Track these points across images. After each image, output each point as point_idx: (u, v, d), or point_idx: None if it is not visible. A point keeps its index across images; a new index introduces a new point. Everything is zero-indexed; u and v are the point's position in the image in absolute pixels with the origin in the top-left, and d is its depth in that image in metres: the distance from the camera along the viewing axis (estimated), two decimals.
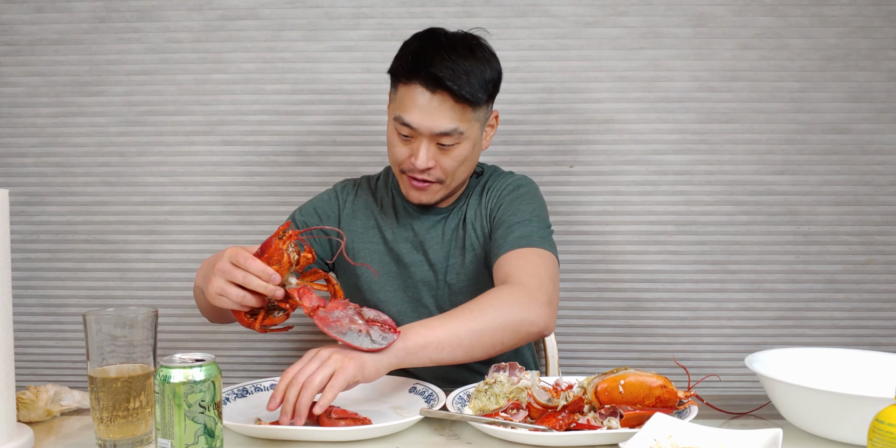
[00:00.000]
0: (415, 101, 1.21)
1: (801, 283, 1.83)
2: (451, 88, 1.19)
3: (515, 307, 1.10)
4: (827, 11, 1.78)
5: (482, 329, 1.06)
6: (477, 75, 1.21)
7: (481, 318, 1.07)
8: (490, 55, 1.27)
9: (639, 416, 0.91)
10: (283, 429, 0.92)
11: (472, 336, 1.05)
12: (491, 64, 1.26)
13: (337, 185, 1.47)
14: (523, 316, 1.10)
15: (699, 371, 1.76)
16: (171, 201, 1.88)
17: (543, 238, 1.26)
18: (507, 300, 1.11)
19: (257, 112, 1.86)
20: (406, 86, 1.22)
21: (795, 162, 1.82)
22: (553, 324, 1.15)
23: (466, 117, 1.22)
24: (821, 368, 1.07)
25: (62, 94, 1.87)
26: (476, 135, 1.27)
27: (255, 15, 1.83)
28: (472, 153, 1.28)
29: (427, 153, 1.23)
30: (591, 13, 1.80)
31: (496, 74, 1.27)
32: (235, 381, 1.13)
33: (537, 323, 1.11)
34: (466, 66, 1.20)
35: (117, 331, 0.93)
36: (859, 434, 0.81)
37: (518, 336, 1.10)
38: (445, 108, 1.20)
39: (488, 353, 1.08)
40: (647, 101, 1.81)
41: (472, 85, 1.20)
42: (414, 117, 1.21)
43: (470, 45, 1.25)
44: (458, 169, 1.27)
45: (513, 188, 1.35)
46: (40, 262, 1.90)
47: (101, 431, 0.92)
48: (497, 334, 1.08)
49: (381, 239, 1.38)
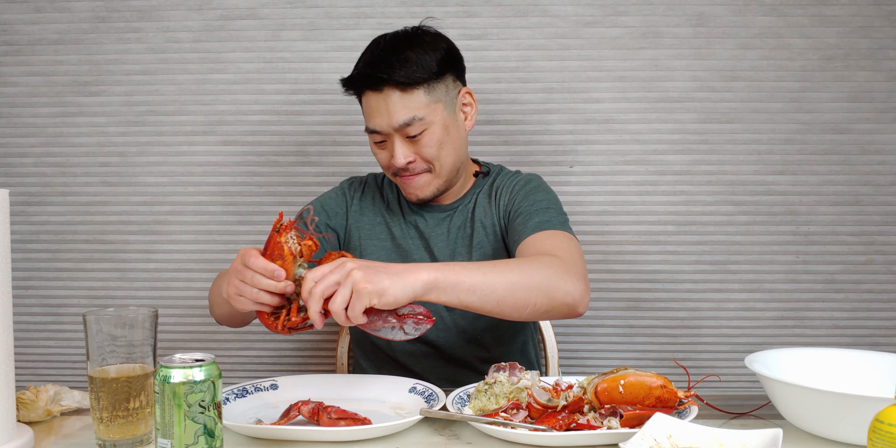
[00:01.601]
0: (370, 107, 1.25)
1: (801, 283, 1.83)
2: (390, 80, 1.20)
3: (554, 273, 1.06)
4: (827, 11, 1.78)
5: (518, 283, 1.02)
6: (415, 59, 1.22)
7: (519, 272, 1.04)
8: (433, 37, 1.27)
9: (639, 416, 0.91)
10: (283, 429, 0.92)
11: (507, 287, 1.02)
12: (434, 44, 1.26)
13: (344, 183, 1.47)
14: (560, 283, 1.06)
15: (699, 371, 1.76)
16: (171, 201, 1.88)
17: (564, 223, 1.25)
18: (547, 263, 1.08)
19: (257, 112, 1.86)
20: (363, 97, 1.27)
21: (795, 162, 1.82)
22: (587, 301, 1.11)
23: (421, 102, 1.23)
24: (821, 368, 1.07)
25: (62, 94, 1.87)
26: (443, 116, 1.26)
27: (255, 15, 1.83)
28: (449, 135, 1.27)
29: (401, 150, 1.25)
30: (591, 13, 1.80)
31: (443, 52, 1.26)
32: (235, 381, 1.13)
33: (573, 294, 1.07)
34: (406, 55, 1.22)
35: (117, 331, 0.93)
36: (859, 434, 0.81)
37: (552, 303, 1.06)
38: (395, 100, 1.22)
39: (519, 311, 1.04)
40: (647, 101, 1.81)
41: (409, 68, 1.21)
42: (374, 121, 1.25)
43: (409, 36, 1.26)
44: (439, 153, 1.26)
45: (524, 183, 1.35)
46: (40, 262, 1.90)
47: (101, 431, 0.92)
48: (532, 293, 1.04)
49: (389, 235, 1.39)
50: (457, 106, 1.30)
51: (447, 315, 1.35)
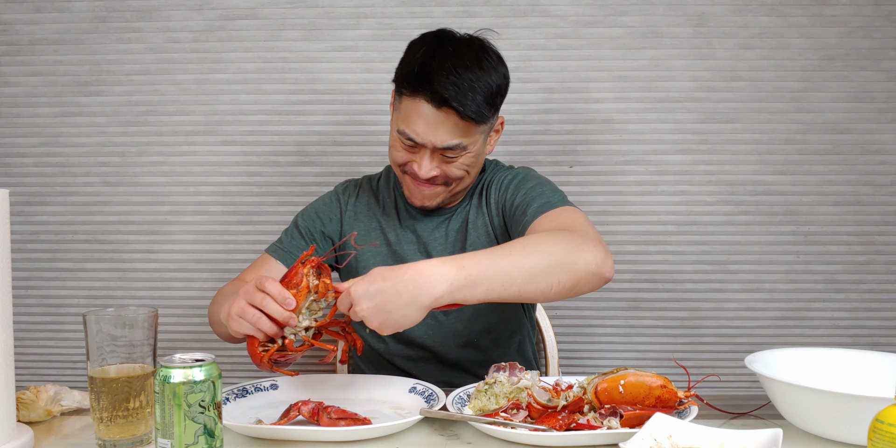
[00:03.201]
0: (419, 115, 1.19)
1: (801, 283, 1.83)
2: (456, 108, 1.16)
3: (569, 245, 1.03)
4: (827, 11, 1.78)
5: (536, 266, 0.99)
6: (482, 90, 1.18)
7: (534, 254, 1.00)
8: (496, 61, 1.23)
9: (639, 416, 0.91)
10: (283, 429, 0.92)
11: (526, 274, 0.98)
12: (497, 72, 1.22)
13: (338, 187, 1.45)
14: (577, 255, 1.02)
15: (699, 371, 1.76)
16: (171, 201, 1.88)
17: (563, 199, 1.23)
18: (560, 238, 1.05)
19: (257, 112, 1.86)
20: (410, 99, 1.20)
21: (795, 162, 1.82)
22: (612, 264, 1.06)
23: (471, 132, 1.21)
24: (821, 368, 1.07)
25: (62, 94, 1.87)
26: (481, 144, 1.26)
27: (255, 15, 1.83)
28: (477, 160, 1.28)
29: (430, 164, 1.23)
30: (591, 13, 1.80)
31: (503, 82, 1.23)
32: (235, 381, 1.13)
33: (594, 261, 1.03)
34: (471, 80, 1.17)
35: (117, 331, 0.93)
36: (859, 434, 0.81)
37: (576, 276, 1.02)
38: (450, 124, 1.18)
39: (545, 293, 1.01)
40: (647, 101, 1.81)
41: (476, 102, 1.17)
42: (418, 131, 1.20)
43: (476, 54, 1.20)
44: (464, 174, 1.27)
45: (512, 177, 1.33)
46: (40, 262, 1.90)
47: (101, 431, 0.92)
48: (552, 272, 1.00)
49: (385, 241, 1.37)
50: (490, 132, 1.29)
51: (444, 319, 1.34)
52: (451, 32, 1.24)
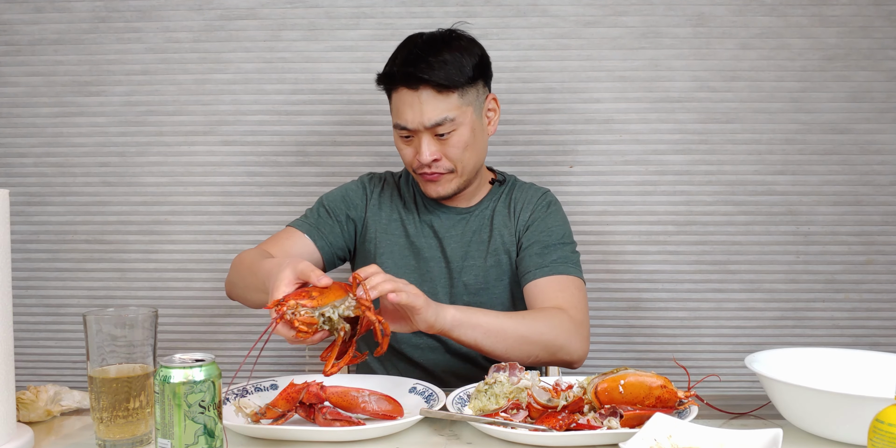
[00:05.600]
0: (403, 103, 1.27)
1: (801, 283, 1.83)
2: (429, 80, 1.23)
3: (562, 333, 1.20)
4: (827, 11, 1.78)
5: (528, 337, 1.16)
6: (454, 62, 1.25)
7: (531, 327, 1.17)
8: (468, 42, 1.31)
9: (639, 416, 0.91)
10: (283, 429, 0.92)
11: (517, 339, 1.15)
12: (470, 49, 1.29)
13: (364, 177, 1.49)
14: (565, 343, 1.20)
15: (699, 371, 1.75)
16: (171, 201, 1.88)
17: (576, 264, 1.34)
18: (558, 323, 1.20)
19: (257, 112, 1.86)
20: (395, 93, 1.29)
21: (795, 162, 1.82)
22: (585, 358, 1.25)
23: (454, 104, 1.26)
24: (821, 368, 1.07)
25: (62, 94, 1.87)
26: (472, 119, 1.29)
27: (255, 15, 1.83)
28: (474, 138, 1.31)
29: (428, 147, 1.28)
30: (591, 13, 1.80)
31: (477, 58, 1.30)
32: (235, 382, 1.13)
33: (574, 354, 1.22)
34: (444, 57, 1.25)
35: (117, 331, 0.93)
36: (859, 434, 0.81)
37: (552, 358, 1.20)
38: (430, 99, 1.25)
39: (522, 359, 1.16)
40: (647, 101, 1.81)
41: (448, 71, 1.24)
42: (405, 118, 1.27)
43: (446, 38, 1.30)
44: (463, 155, 1.30)
45: (546, 204, 1.40)
46: (40, 262, 1.90)
47: (101, 431, 0.92)
48: (537, 348, 1.17)
49: (404, 232, 1.41)
50: (483, 111, 1.34)
51: None
52: (424, 32, 1.33)
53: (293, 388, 0.96)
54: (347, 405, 0.97)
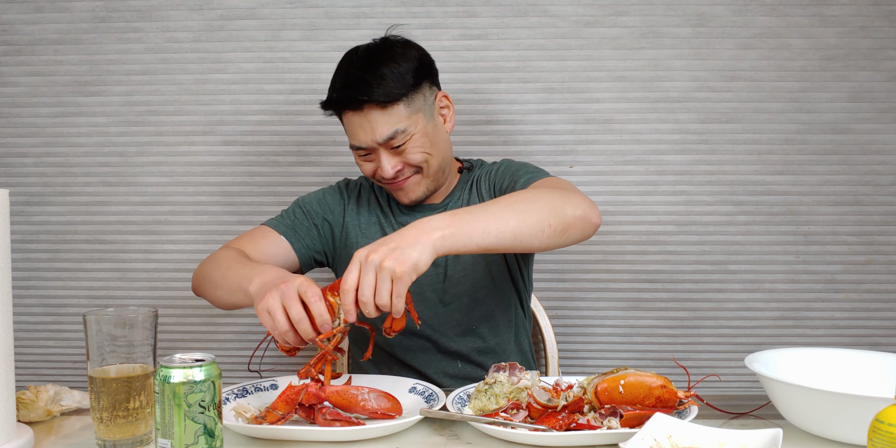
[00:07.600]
0: (353, 125, 1.27)
1: (801, 283, 1.83)
2: (370, 99, 1.22)
3: (556, 194, 1.11)
4: (827, 11, 1.78)
5: (525, 210, 1.05)
6: (392, 75, 1.24)
7: (524, 201, 1.07)
8: (403, 47, 1.29)
9: (639, 416, 0.91)
10: (283, 429, 0.93)
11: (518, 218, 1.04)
12: (405, 55, 1.27)
13: (340, 183, 1.50)
14: (564, 201, 1.09)
15: (699, 371, 1.76)
16: (171, 201, 1.88)
17: (548, 174, 1.30)
18: (546, 189, 1.14)
19: (257, 112, 1.86)
20: (344, 116, 1.29)
21: (795, 162, 1.82)
22: (598, 212, 1.12)
23: (402, 115, 1.25)
24: (821, 368, 1.07)
25: (62, 94, 1.87)
26: (423, 124, 1.28)
27: (255, 15, 1.83)
28: (432, 141, 1.30)
29: (388, 161, 1.28)
30: (591, 13, 1.80)
31: (416, 62, 1.28)
32: (235, 381, 1.13)
33: (581, 206, 1.10)
34: (381, 72, 1.23)
35: (117, 331, 0.93)
36: (859, 434, 0.81)
37: (565, 219, 1.07)
38: (377, 116, 1.24)
39: (539, 237, 1.05)
40: (647, 101, 1.81)
41: (387, 86, 1.23)
42: (358, 138, 1.27)
43: (380, 50, 1.28)
44: (425, 157, 1.30)
45: (499, 165, 1.41)
46: (40, 262, 1.90)
47: (101, 431, 0.92)
48: (542, 215, 1.06)
49: (382, 235, 1.39)
50: (435, 111, 1.33)
51: (442, 309, 1.36)
52: (361, 46, 1.31)
53: (292, 389, 0.96)
54: (347, 403, 0.97)
